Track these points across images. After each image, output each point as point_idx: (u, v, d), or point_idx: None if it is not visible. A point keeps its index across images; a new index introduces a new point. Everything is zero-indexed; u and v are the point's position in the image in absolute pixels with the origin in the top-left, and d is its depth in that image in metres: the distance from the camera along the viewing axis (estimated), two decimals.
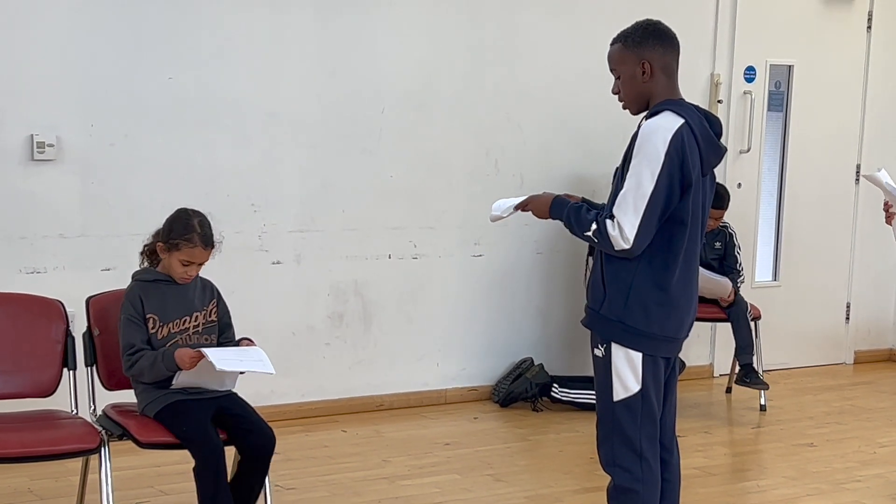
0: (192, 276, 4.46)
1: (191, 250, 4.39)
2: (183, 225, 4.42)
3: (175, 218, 4.47)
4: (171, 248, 4.40)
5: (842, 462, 6.00)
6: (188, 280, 4.46)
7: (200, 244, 4.40)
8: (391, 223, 6.61)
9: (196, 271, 4.47)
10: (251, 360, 4.32)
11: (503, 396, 6.85)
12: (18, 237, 5.66)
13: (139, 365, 4.34)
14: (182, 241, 4.38)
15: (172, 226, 4.44)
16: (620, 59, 3.89)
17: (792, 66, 7.89)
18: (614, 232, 3.74)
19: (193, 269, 4.44)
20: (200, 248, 4.40)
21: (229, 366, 4.23)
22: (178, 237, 4.39)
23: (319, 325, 6.46)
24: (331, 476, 5.48)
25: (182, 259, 4.40)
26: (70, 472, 5.00)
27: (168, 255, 4.42)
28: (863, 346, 8.45)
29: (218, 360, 4.19)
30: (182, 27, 5.95)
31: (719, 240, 7.04)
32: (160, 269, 4.49)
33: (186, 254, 4.39)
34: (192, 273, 4.45)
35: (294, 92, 6.27)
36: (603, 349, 3.89)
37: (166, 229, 4.45)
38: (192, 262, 4.42)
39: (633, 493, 3.88)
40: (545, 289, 7.14)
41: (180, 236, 4.39)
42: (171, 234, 4.42)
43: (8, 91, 5.59)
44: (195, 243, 4.39)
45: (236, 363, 4.28)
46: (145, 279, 4.47)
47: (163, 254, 4.44)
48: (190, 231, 4.40)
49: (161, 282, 4.45)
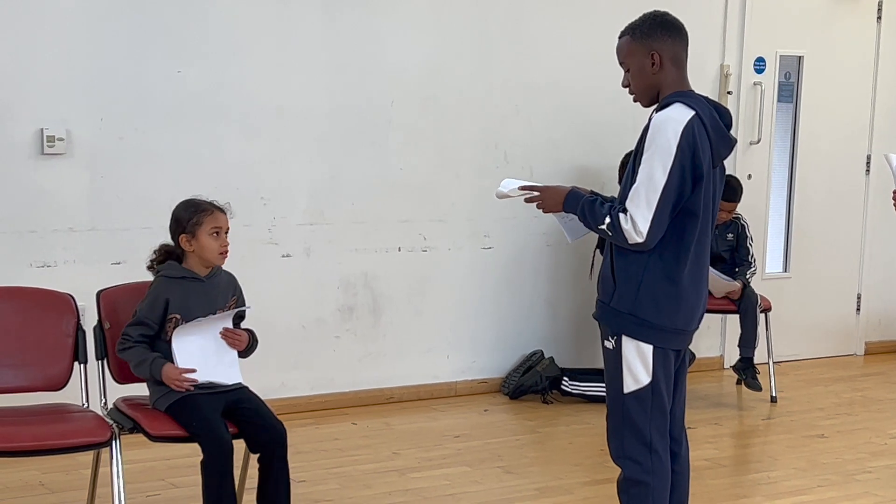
0: (228, 248, 4.45)
1: (212, 216, 4.41)
2: (188, 206, 4.46)
3: (177, 209, 4.48)
4: (194, 228, 4.39)
5: (852, 453, 6.00)
6: (226, 254, 4.45)
7: (216, 209, 4.45)
8: (400, 216, 6.62)
9: (228, 242, 4.46)
10: (220, 364, 4.40)
11: (513, 389, 6.86)
12: (28, 231, 5.67)
13: (130, 352, 4.38)
14: (200, 215, 4.40)
15: (181, 213, 4.45)
16: (629, 51, 3.88)
17: (802, 57, 7.87)
18: (627, 226, 3.73)
19: (224, 237, 4.44)
20: (218, 212, 4.44)
21: (198, 376, 4.32)
22: (193, 214, 4.41)
23: (329, 318, 6.47)
24: (341, 469, 5.49)
25: (211, 230, 4.40)
26: (81, 466, 5.01)
27: (195, 240, 4.39)
28: (873, 337, 8.44)
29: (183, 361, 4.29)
30: (191, 21, 5.96)
31: (731, 231, 7.04)
32: (185, 265, 4.48)
33: (210, 222, 4.40)
34: (227, 243, 4.45)
35: (303, 85, 6.27)
36: (613, 341, 3.89)
37: (179, 219, 4.43)
38: (221, 229, 4.43)
39: (644, 485, 3.88)
40: (555, 281, 7.14)
41: (195, 213, 4.41)
42: (185, 219, 4.41)
43: (17, 85, 5.60)
44: (211, 211, 4.43)
45: (203, 373, 4.34)
46: (172, 275, 4.44)
47: (189, 244, 4.41)
48: (198, 205, 4.44)
49: (187, 279, 4.44)
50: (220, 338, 4.43)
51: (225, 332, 4.43)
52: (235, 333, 4.46)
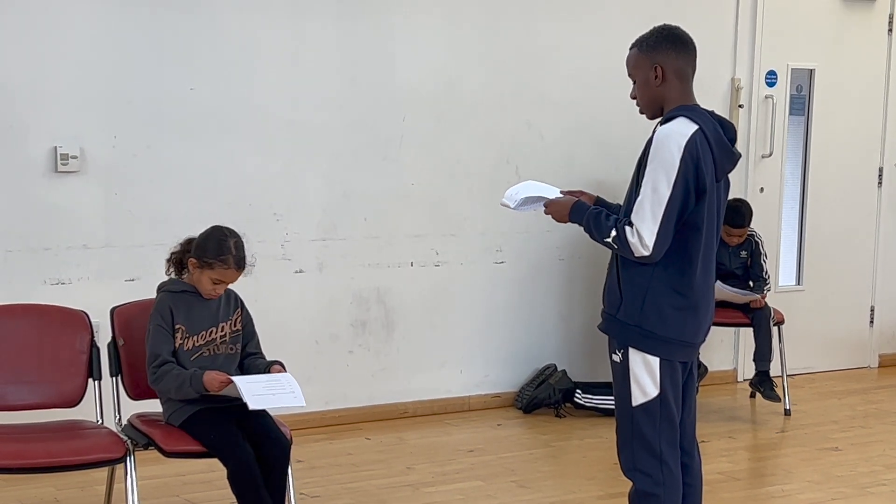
0: (220, 293, 4.47)
1: (224, 271, 4.40)
2: (217, 244, 4.42)
3: (210, 235, 4.46)
4: (203, 265, 4.41)
5: (867, 466, 5.98)
6: (215, 297, 4.48)
7: (234, 266, 4.41)
8: (413, 231, 6.63)
9: (223, 289, 4.49)
10: (282, 392, 4.27)
11: (526, 403, 6.85)
12: (43, 248, 5.69)
13: (165, 382, 4.34)
14: (217, 262, 4.39)
15: (207, 244, 4.43)
16: (636, 63, 3.92)
17: (813, 70, 7.87)
18: (633, 239, 3.75)
19: (222, 287, 4.46)
20: (234, 269, 4.41)
21: (260, 403, 4.21)
22: (213, 257, 4.39)
23: (342, 333, 6.48)
24: (355, 484, 5.50)
25: (214, 278, 4.41)
26: (96, 482, 5.03)
27: (199, 272, 4.42)
28: (887, 349, 8.42)
29: (249, 394, 4.17)
30: (203, 38, 5.99)
31: (745, 249, 7.03)
32: (187, 280, 4.50)
33: (219, 273, 4.40)
34: (220, 291, 4.46)
35: (315, 101, 6.29)
36: (620, 354, 3.90)
37: (201, 246, 4.44)
38: (224, 284, 4.45)
39: (655, 498, 3.88)
40: (567, 295, 7.14)
41: (215, 256, 4.39)
42: (205, 252, 4.41)
43: (31, 103, 5.63)
44: (229, 265, 4.40)
45: (268, 398, 4.23)
46: (173, 290, 4.48)
47: (194, 269, 4.44)
48: (225, 252, 4.40)
49: (188, 293, 4.47)
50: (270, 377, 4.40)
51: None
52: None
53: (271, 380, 4.33)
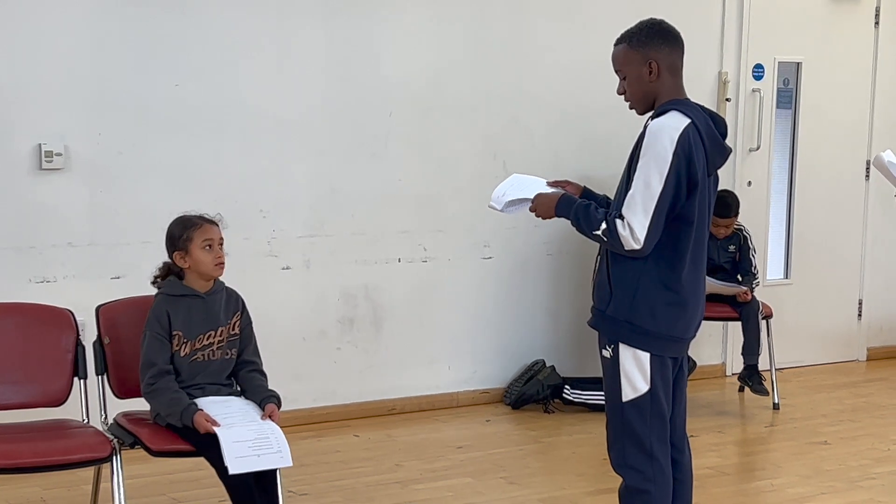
0: (223, 259, 4.43)
1: (201, 230, 4.40)
2: (178, 223, 4.46)
3: (169, 228, 4.48)
4: (186, 244, 4.39)
5: (856, 460, 5.98)
6: (222, 265, 4.43)
7: (206, 223, 4.44)
8: (400, 227, 6.61)
9: (222, 253, 4.44)
10: (268, 452, 4.14)
11: (515, 399, 6.84)
12: (27, 247, 5.66)
13: (158, 401, 4.30)
14: (189, 230, 4.40)
15: (172, 231, 4.45)
16: (626, 59, 3.89)
17: (800, 63, 7.87)
18: (625, 232, 3.73)
19: (218, 249, 4.42)
20: (207, 224, 4.43)
21: (242, 466, 4.07)
22: (183, 230, 4.41)
23: (330, 329, 6.46)
24: (343, 481, 5.48)
25: (202, 244, 4.38)
26: (82, 482, 5.01)
27: (189, 255, 4.39)
28: (875, 342, 8.42)
29: (232, 457, 4.05)
30: (189, 34, 5.96)
31: (733, 243, 7.02)
32: (186, 283, 4.47)
33: (200, 236, 4.38)
34: (222, 256, 4.43)
35: (301, 97, 6.27)
36: (611, 350, 3.89)
37: (171, 237, 4.44)
38: (213, 241, 4.41)
39: (645, 494, 3.87)
40: (556, 290, 7.13)
41: (185, 229, 4.41)
42: (177, 236, 4.42)
43: (15, 100, 5.60)
44: (200, 223, 4.42)
45: (252, 461, 4.10)
46: (172, 293, 4.44)
47: (183, 260, 4.41)
48: (187, 221, 4.44)
49: (188, 296, 4.43)
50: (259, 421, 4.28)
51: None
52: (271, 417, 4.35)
53: (259, 437, 4.19)
